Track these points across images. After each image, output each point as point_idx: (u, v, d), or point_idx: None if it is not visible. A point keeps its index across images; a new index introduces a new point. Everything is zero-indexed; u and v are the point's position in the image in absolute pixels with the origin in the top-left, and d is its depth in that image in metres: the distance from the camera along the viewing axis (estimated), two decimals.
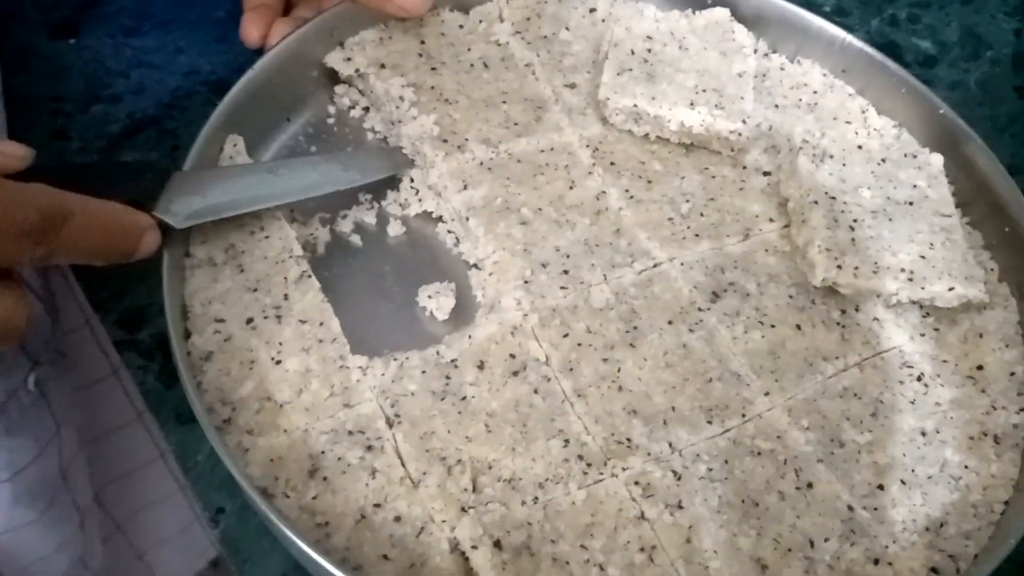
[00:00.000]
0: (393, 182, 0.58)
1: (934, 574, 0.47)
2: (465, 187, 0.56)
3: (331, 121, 0.62)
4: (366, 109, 0.62)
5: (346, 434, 0.47)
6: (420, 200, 0.58)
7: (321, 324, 0.50)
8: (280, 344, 0.49)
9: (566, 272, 0.54)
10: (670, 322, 0.53)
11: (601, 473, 0.48)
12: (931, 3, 0.80)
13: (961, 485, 0.50)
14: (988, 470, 0.50)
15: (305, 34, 0.60)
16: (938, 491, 0.49)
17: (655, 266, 0.55)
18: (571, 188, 0.58)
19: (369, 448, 0.47)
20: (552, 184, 0.58)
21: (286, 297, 0.51)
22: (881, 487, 0.49)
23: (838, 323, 0.55)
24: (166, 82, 0.65)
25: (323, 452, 0.46)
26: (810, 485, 0.49)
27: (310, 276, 0.52)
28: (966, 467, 0.50)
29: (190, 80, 0.65)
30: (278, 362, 0.49)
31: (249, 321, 0.50)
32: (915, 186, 0.59)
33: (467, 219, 0.55)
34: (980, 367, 0.54)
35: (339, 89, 0.62)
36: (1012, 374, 0.54)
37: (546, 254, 0.55)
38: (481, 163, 0.58)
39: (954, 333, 0.55)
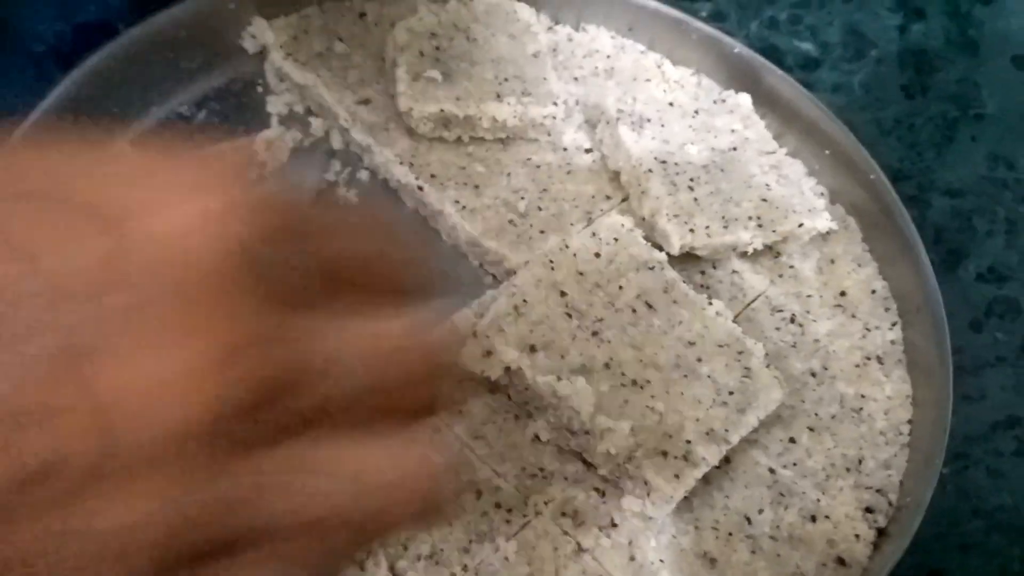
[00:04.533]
0: None
1: (869, 514, 0.46)
2: None
3: None
4: None
5: None
6: None
7: None
8: None
9: None
10: None
11: (525, 515, 0.44)
12: (811, 3, 0.75)
13: (864, 415, 0.50)
14: (883, 393, 0.50)
15: None
16: (845, 428, 0.49)
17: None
18: None
19: None
20: None
21: None
22: (792, 440, 0.49)
23: (702, 285, 0.53)
24: None
25: None
26: (728, 459, 0.47)
27: None
28: (862, 396, 0.50)
29: None
30: None
31: None
32: (733, 131, 0.58)
33: None
34: (843, 293, 0.54)
35: None
36: (873, 292, 0.54)
37: None
38: None
39: (808, 266, 0.55)
